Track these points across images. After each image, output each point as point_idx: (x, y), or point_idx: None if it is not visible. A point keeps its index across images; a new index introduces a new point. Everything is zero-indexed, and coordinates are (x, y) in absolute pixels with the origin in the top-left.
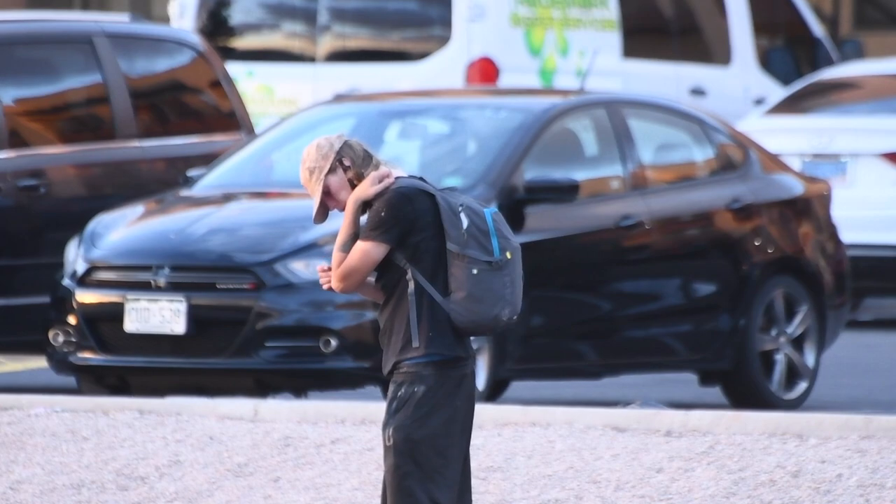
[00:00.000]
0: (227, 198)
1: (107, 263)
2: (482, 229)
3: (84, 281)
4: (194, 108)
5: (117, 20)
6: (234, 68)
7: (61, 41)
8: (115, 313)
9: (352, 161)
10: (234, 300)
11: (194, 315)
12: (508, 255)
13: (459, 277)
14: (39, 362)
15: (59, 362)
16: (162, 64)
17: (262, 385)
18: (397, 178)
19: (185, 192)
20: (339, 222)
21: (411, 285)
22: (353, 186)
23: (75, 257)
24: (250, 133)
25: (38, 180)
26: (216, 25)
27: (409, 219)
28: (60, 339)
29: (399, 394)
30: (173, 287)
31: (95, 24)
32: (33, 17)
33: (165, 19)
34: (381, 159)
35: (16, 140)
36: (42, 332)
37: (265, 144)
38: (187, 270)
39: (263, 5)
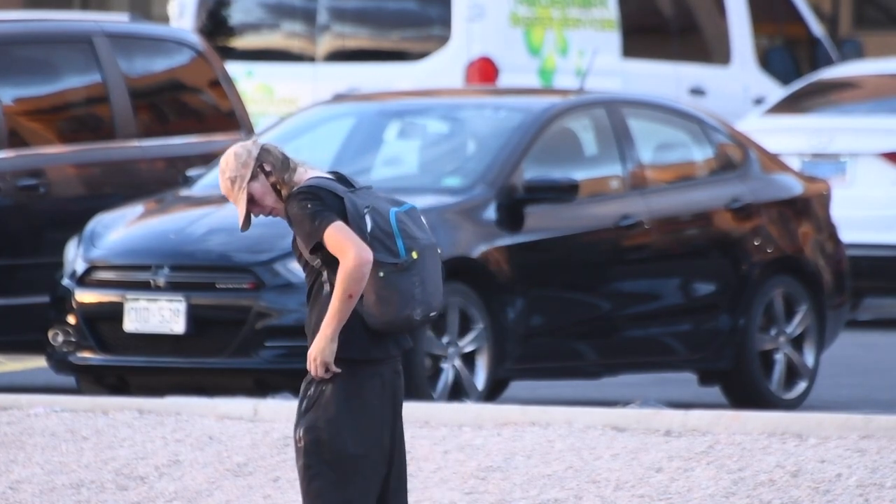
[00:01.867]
0: (226, 198)
1: (106, 263)
2: (386, 231)
3: (83, 281)
4: (194, 107)
5: (117, 20)
6: (234, 68)
7: (61, 41)
8: (114, 313)
9: (272, 166)
10: (233, 300)
11: (194, 315)
12: (415, 255)
13: (367, 281)
14: (39, 362)
15: (59, 362)
16: (161, 64)
17: (261, 385)
18: (312, 177)
19: (184, 192)
20: None
21: (326, 287)
22: (276, 191)
23: (75, 257)
24: (250, 133)
25: (38, 180)
26: (215, 25)
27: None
28: (60, 338)
29: (309, 393)
30: (173, 287)
31: (95, 24)
32: (33, 17)
33: (165, 19)
34: (299, 162)
35: (15, 140)
36: (41, 331)
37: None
38: (187, 270)
39: (263, 5)
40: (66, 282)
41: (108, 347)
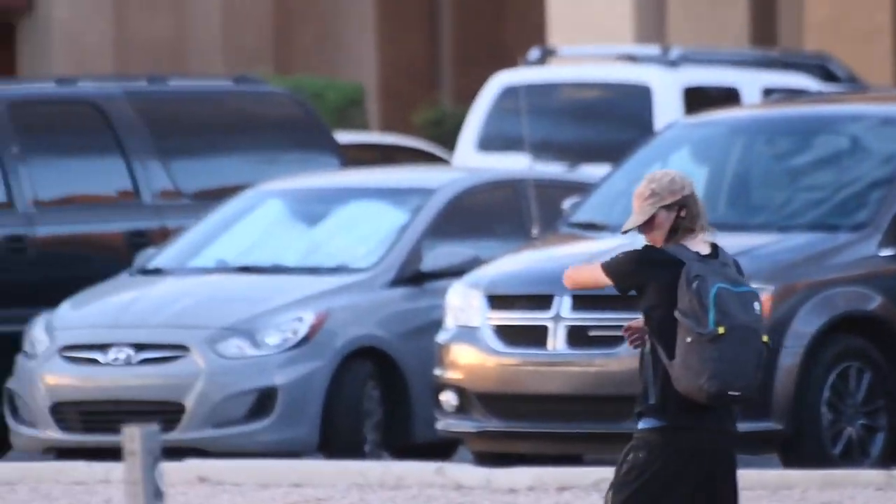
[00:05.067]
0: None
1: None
2: (702, 302)
3: None
4: None
5: None
6: None
7: None
8: None
9: (688, 214)
10: None
11: None
12: (721, 331)
13: (678, 344)
14: None
15: None
16: None
17: None
18: (680, 245)
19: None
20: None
21: (648, 344)
22: (672, 232)
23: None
24: None
25: None
26: None
27: (640, 273)
28: None
29: (627, 457)
30: None
31: None
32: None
33: None
34: (706, 223)
35: None
36: None
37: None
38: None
39: None
40: None
41: None
